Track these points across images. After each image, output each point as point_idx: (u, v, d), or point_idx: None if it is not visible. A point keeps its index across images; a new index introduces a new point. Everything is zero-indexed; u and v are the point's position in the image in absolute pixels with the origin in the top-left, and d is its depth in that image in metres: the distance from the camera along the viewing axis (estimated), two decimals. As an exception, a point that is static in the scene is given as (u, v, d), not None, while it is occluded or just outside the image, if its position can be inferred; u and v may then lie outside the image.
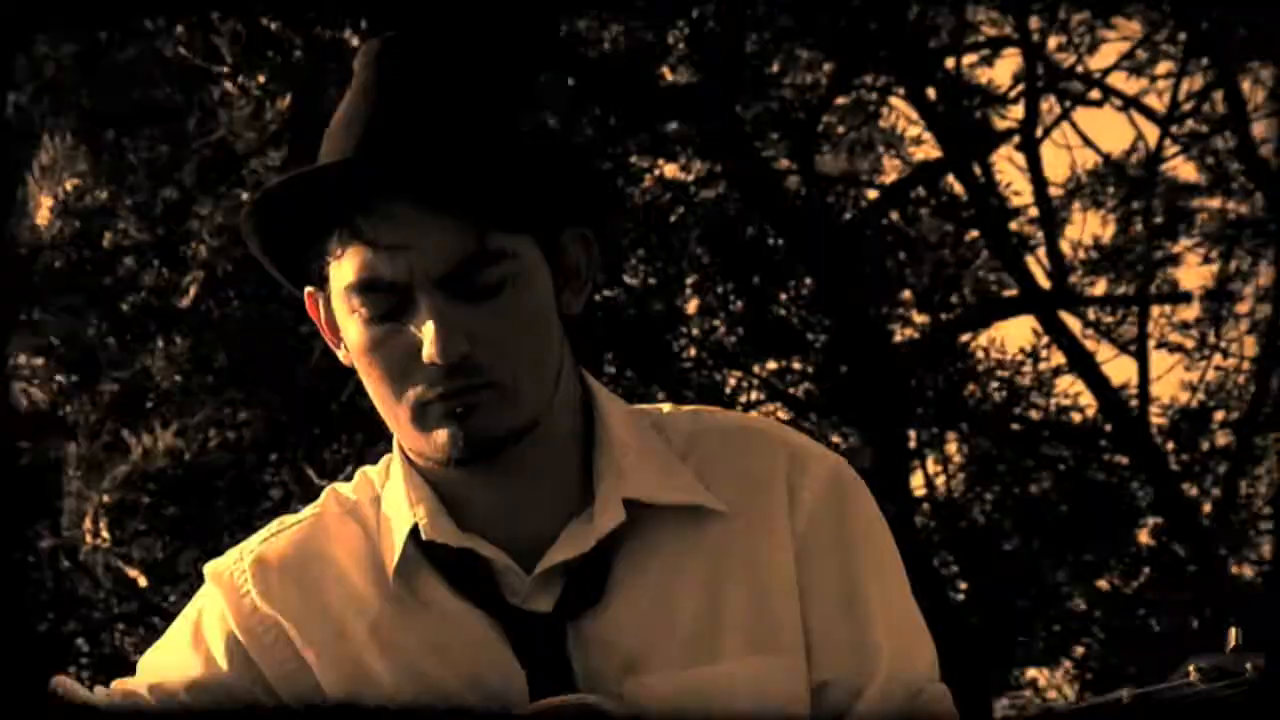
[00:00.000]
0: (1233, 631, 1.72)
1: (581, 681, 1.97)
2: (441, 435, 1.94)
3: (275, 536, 2.09)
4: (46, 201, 6.22)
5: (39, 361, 6.51)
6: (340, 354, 2.01)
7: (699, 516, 2.01)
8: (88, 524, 6.25)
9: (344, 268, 1.93)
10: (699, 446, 2.05)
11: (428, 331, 1.90)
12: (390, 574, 2.02)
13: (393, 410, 1.97)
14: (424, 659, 2.01)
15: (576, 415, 2.04)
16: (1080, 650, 7.56)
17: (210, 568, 2.08)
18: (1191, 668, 1.70)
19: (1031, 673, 7.73)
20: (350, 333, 1.96)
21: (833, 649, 1.98)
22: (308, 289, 2.00)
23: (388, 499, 2.06)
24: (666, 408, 2.12)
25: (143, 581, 6.32)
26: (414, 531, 2.01)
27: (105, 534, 6.28)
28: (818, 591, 2.00)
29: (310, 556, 2.07)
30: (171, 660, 2.09)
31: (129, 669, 2.13)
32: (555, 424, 2.00)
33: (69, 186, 6.22)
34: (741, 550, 2.01)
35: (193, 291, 6.21)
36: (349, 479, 2.14)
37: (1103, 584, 7.55)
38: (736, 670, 1.97)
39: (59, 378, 6.55)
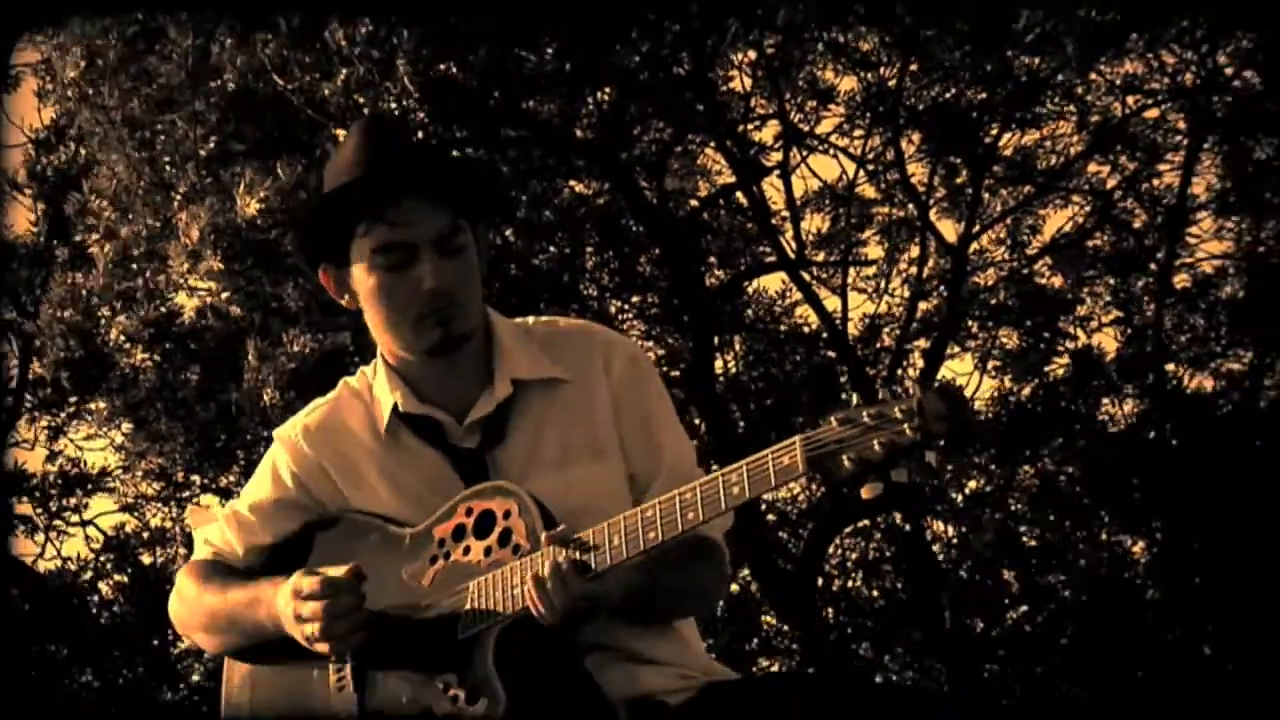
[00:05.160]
0: (855, 396, 2.09)
1: None
2: (433, 335, 2.42)
3: (313, 412, 2.58)
4: (251, 201, 6.80)
5: (226, 295, 7.39)
6: (344, 301, 2.47)
7: (555, 384, 2.45)
8: (268, 391, 6.88)
9: (371, 239, 2.38)
10: (552, 341, 2.51)
11: (428, 274, 2.36)
12: (382, 432, 2.50)
13: (397, 325, 2.42)
14: (404, 477, 2.48)
15: (481, 329, 2.50)
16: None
17: (277, 432, 2.59)
18: (832, 418, 2.08)
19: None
20: (369, 283, 2.39)
21: (637, 454, 2.48)
22: (322, 267, 2.46)
23: (377, 387, 2.52)
24: (531, 320, 2.54)
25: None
26: (394, 407, 2.48)
27: (277, 395, 6.87)
28: (626, 421, 2.48)
29: (335, 424, 2.55)
30: (260, 489, 2.60)
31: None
32: (479, 334, 2.48)
33: (263, 193, 6.81)
34: (581, 402, 2.48)
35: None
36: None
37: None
38: (584, 472, 2.44)
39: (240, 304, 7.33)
